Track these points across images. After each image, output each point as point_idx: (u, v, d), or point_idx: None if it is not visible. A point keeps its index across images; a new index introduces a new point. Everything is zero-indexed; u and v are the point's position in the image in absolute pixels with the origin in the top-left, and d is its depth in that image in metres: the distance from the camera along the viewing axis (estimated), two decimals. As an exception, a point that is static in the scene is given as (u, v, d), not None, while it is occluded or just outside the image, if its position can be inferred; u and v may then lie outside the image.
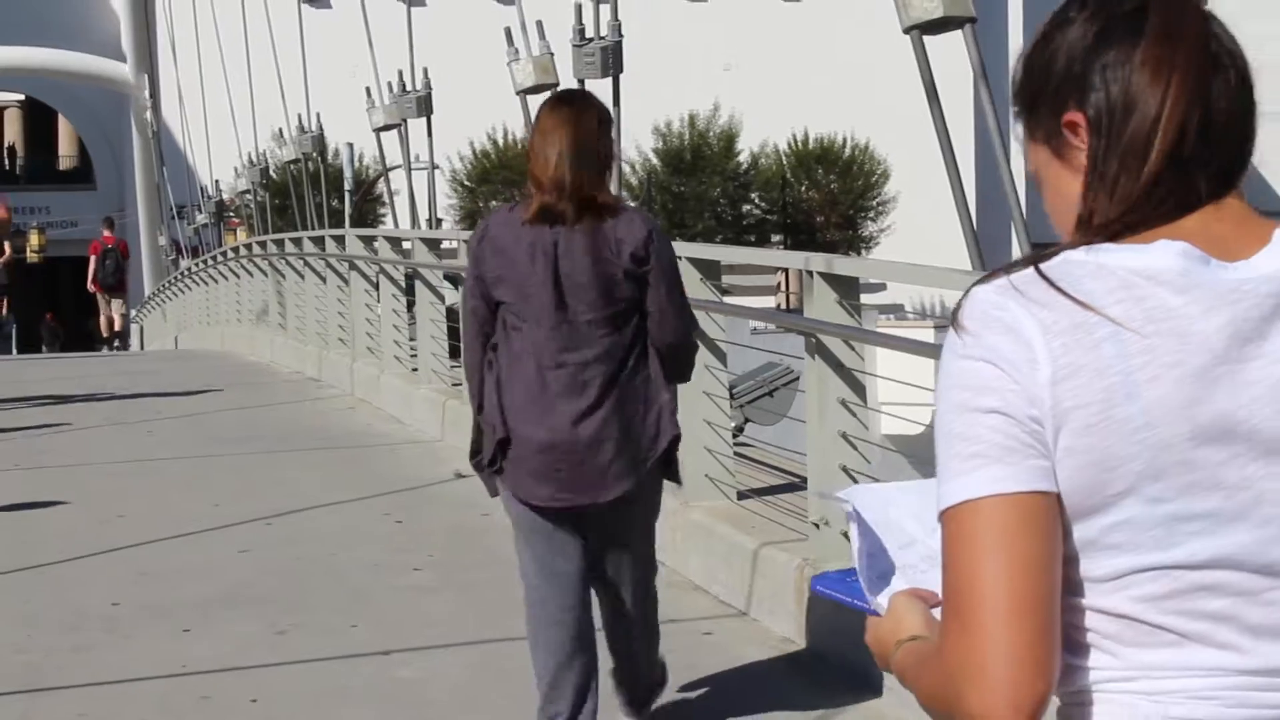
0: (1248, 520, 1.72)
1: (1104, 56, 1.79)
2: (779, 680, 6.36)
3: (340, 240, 18.05)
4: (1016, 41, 60.01)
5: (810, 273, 6.95)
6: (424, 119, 18.56)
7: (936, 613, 1.87)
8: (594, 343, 5.23)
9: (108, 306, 31.38)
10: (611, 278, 5.24)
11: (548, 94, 13.52)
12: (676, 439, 5.43)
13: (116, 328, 31.77)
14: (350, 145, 40.91)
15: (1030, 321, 1.71)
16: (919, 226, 50.56)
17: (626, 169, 45.81)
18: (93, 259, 30.91)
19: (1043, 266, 1.74)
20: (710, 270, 8.03)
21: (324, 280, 18.29)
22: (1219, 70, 1.79)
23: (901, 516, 1.99)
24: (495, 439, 5.28)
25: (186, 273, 34.48)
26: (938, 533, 1.84)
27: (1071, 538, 1.73)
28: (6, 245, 17.54)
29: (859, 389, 6.86)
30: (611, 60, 12.45)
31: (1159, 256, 1.73)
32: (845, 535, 6.88)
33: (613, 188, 5.64)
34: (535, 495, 5.30)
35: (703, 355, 7.65)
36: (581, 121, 5.24)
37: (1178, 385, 1.70)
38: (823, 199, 54.47)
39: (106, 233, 31.51)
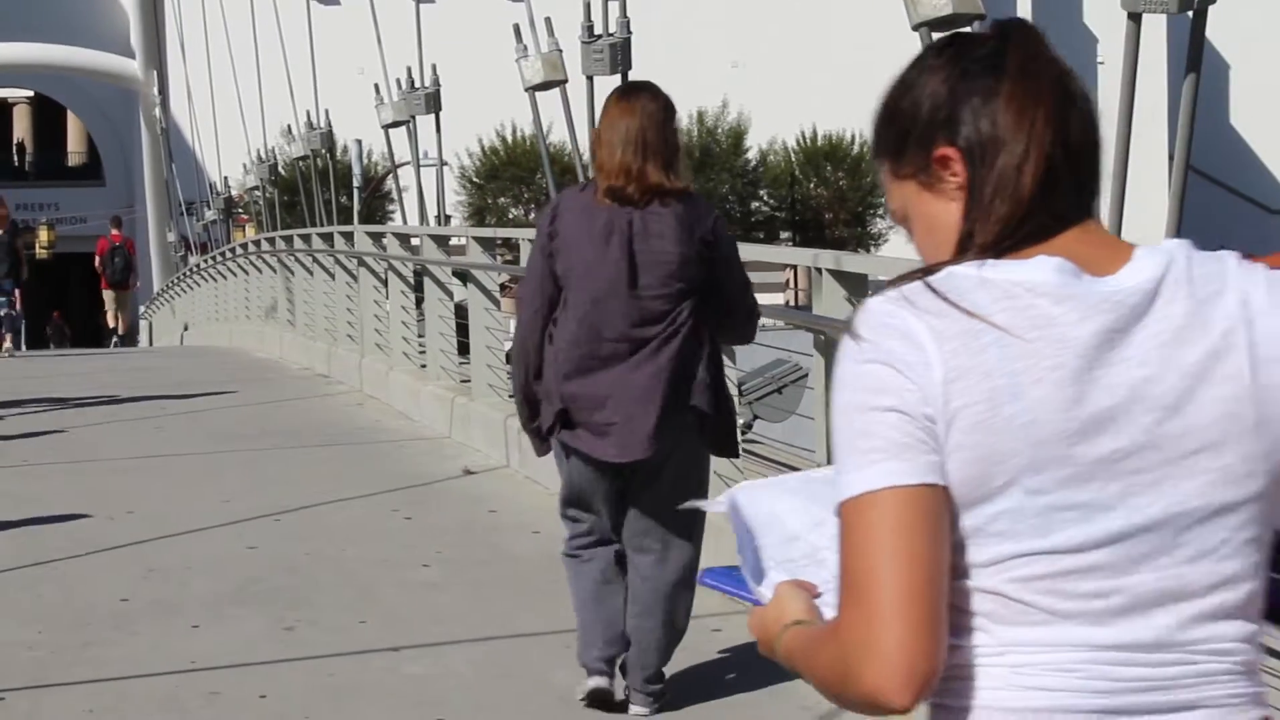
0: (1119, 509, 1.88)
1: (970, 96, 1.97)
2: (788, 677, 6.35)
3: (349, 237, 18.06)
4: (1025, 38, 59.99)
5: (819, 270, 6.95)
6: (433, 115, 18.55)
7: (817, 603, 2.01)
8: (658, 319, 5.52)
9: (115, 303, 31.45)
10: (684, 258, 5.52)
11: (556, 90, 13.61)
12: (724, 411, 5.73)
13: (124, 324, 31.84)
14: (359, 142, 40.89)
15: (923, 328, 1.87)
16: (927, 223, 50.50)
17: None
18: (98, 258, 30.97)
19: (930, 280, 1.90)
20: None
21: (332, 277, 18.31)
22: (1073, 105, 1.98)
23: (785, 513, 2.08)
24: (554, 409, 5.60)
25: (195, 269, 34.51)
26: (821, 529, 2.01)
27: (959, 526, 1.88)
28: (19, 243, 17.58)
29: (867, 386, 6.86)
30: (620, 57, 12.43)
31: (1038, 270, 1.90)
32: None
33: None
34: (586, 446, 5.61)
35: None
36: (647, 111, 5.55)
37: (1058, 386, 1.86)
38: (831, 196, 54.44)
39: (115, 231, 31.58)
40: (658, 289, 5.53)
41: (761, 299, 6.82)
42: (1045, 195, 1.94)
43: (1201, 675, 1.92)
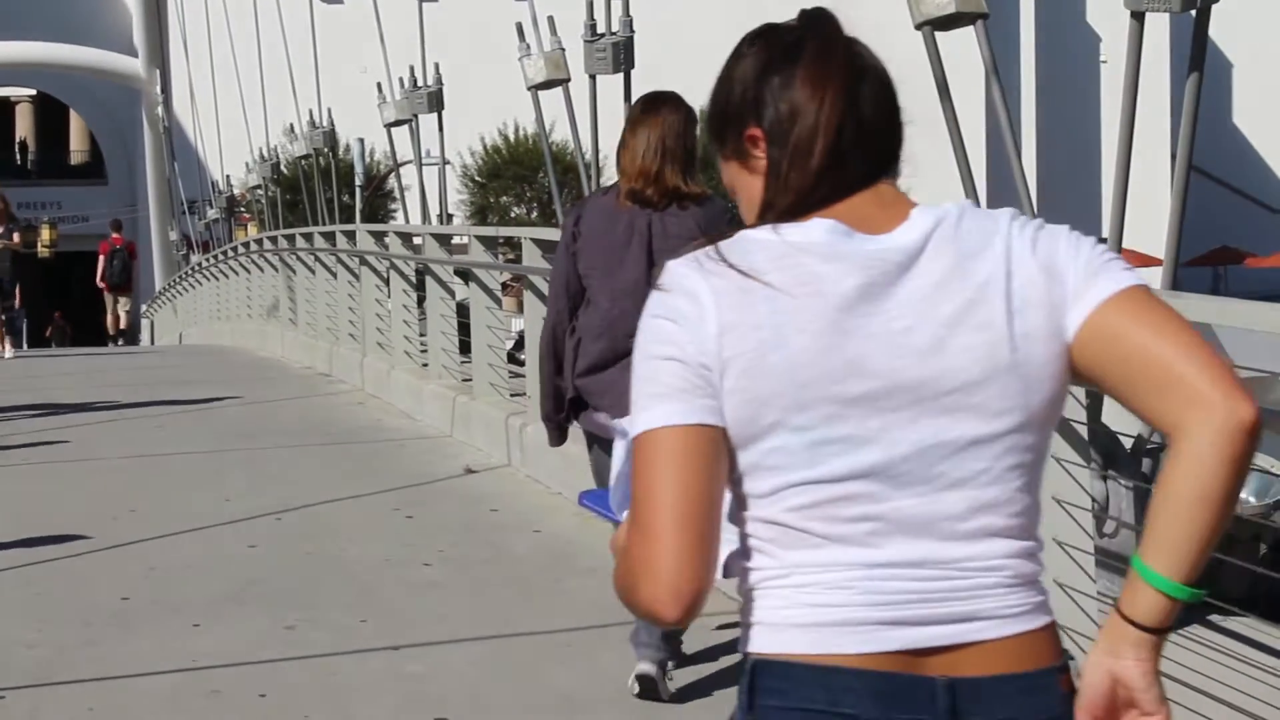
0: (878, 443, 2.12)
1: (772, 81, 2.24)
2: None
3: (351, 235, 18.06)
4: (1029, 37, 59.91)
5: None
6: (435, 114, 18.54)
7: None
8: None
9: (115, 304, 31.56)
10: None
11: (558, 89, 13.59)
12: None
13: (123, 325, 31.94)
14: (361, 140, 40.92)
15: (705, 287, 2.13)
16: (930, 223, 50.47)
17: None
18: (101, 259, 31.06)
19: (720, 244, 2.17)
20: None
21: (334, 275, 18.31)
22: (864, 82, 2.22)
23: None
24: (568, 398, 5.93)
25: (197, 268, 34.52)
26: None
27: (738, 462, 2.14)
28: (16, 235, 17.50)
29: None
30: (623, 56, 12.43)
31: (811, 232, 2.15)
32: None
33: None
34: (598, 428, 5.93)
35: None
36: (668, 121, 5.83)
37: (818, 337, 2.10)
38: (834, 195, 54.46)
39: (115, 234, 31.72)
40: None
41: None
42: (835, 166, 2.19)
43: (974, 590, 2.13)
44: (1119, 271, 2.16)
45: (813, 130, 2.19)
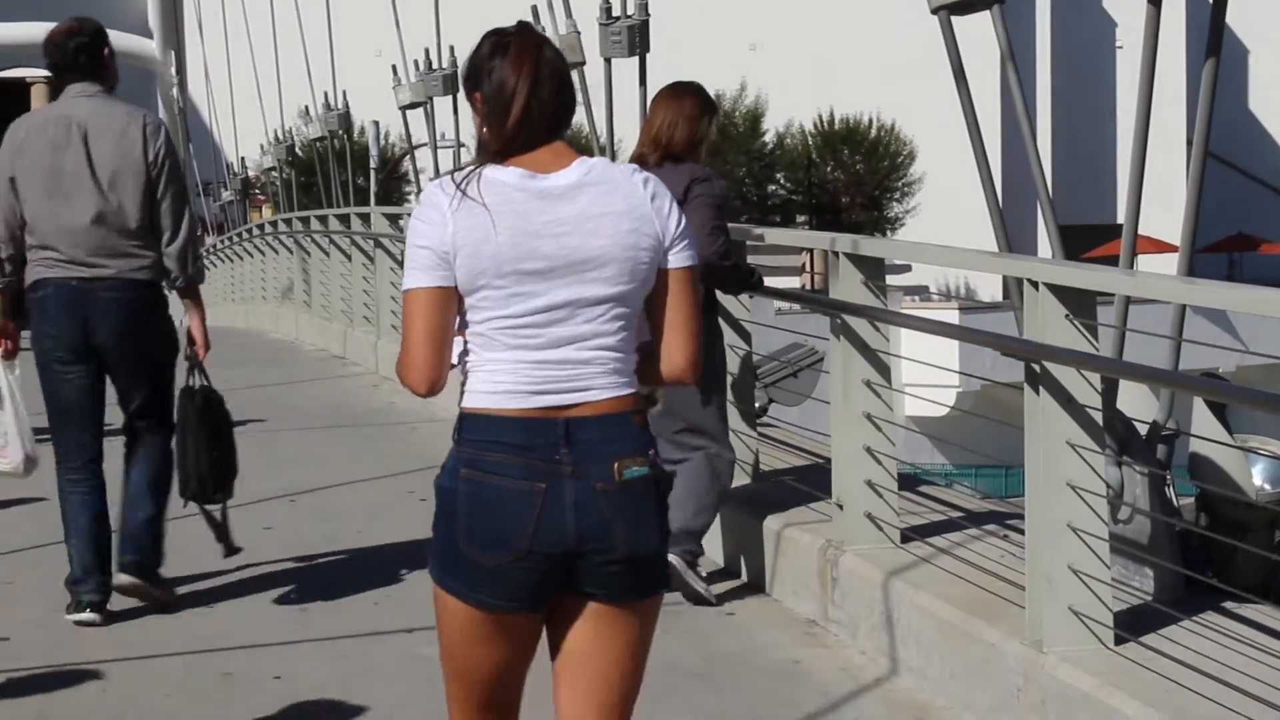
0: (543, 296, 3.54)
1: (491, 63, 3.61)
2: (801, 661, 6.35)
3: (365, 218, 18.06)
4: (1045, 22, 59.79)
5: (836, 253, 6.93)
6: (450, 97, 18.55)
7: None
8: None
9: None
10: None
11: (574, 73, 13.57)
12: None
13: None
14: (376, 123, 40.91)
15: (445, 201, 3.54)
16: (944, 208, 50.41)
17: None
18: None
19: (455, 175, 3.58)
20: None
21: (349, 258, 18.31)
22: (545, 73, 3.59)
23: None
24: None
25: (212, 250, 34.54)
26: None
27: (465, 304, 3.56)
28: None
29: (883, 370, 6.84)
30: (638, 39, 12.42)
31: (508, 174, 3.56)
32: (867, 515, 6.85)
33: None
34: None
35: (727, 335, 7.63)
36: (683, 105, 7.00)
37: (511, 235, 3.52)
38: (848, 180, 54.37)
39: None
40: None
41: (778, 282, 6.79)
42: (523, 127, 3.58)
43: (589, 375, 3.56)
44: (689, 251, 3.64)
45: (509, 101, 3.57)
